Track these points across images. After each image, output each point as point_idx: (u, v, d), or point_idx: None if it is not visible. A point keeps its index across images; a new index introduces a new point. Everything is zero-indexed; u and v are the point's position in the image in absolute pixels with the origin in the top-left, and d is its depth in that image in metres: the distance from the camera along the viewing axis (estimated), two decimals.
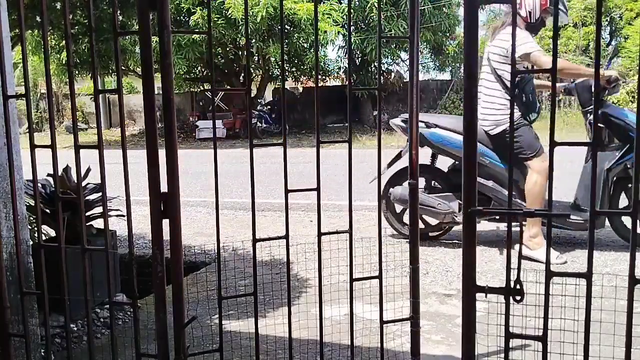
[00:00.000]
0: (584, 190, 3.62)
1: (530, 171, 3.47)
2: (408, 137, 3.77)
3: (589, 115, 3.52)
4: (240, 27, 12.99)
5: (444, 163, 3.99)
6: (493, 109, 3.51)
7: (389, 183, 3.90)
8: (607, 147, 3.49)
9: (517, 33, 3.76)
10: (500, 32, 3.50)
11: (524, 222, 3.56)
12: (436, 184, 3.96)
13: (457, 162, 3.86)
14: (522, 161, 3.49)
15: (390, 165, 3.89)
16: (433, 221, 3.95)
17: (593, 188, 1.27)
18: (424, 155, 3.92)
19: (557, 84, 3.92)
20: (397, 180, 3.85)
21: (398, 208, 4.05)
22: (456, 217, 3.69)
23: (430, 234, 3.99)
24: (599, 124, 3.46)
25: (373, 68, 15.60)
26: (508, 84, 3.39)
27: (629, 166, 3.42)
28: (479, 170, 3.91)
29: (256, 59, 15.34)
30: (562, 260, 3.34)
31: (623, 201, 3.62)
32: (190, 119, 17.97)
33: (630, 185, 3.51)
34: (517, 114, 3.42)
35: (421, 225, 4.00)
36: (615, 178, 3.54)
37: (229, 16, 12.86)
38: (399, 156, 3.88)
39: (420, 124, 3.74)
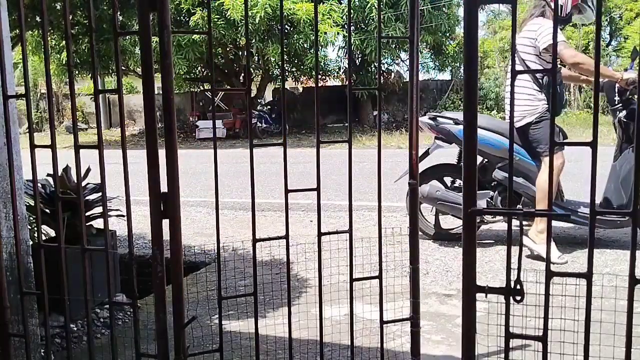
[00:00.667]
0: (613, 188, 3.58)
1: (544, 166, 3.45)
2: (437, 134, 3.77)
3: (618, 113, 3.51)
4: (239, 28, 13.00)
5: None
6: (520, 99, 3.46)
7: (419, 180, 3.85)
8: (631, 146, 3.44)
9: (545, 23, 3.68)
10: (528, 23, 3.48)
11: (530, 221, 3.56)
12: (462, 183, 3.92)
13: (486, 161, 3.80)
14: (539, 155, 3.48)
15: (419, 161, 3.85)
16: (457, 222, 3.88)
17: (593, 187, 1.27)
18: (451, 154, 3.93)
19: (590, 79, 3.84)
20: (424, 179, 3.76)
21: (424, 208, 3.94)
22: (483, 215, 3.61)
23: (452, 234, 3.91)
24: (625, 121, 3.46)
25: (373, 68, 15.60)
26: (537, 75, 3.38)
27: None
28: (506, 167, 3.77)
29: (256, 59, 15.34)
30: (563, 260, 3.34)
31: None
32: (190, 119, 17.98)
33: None
34: (544, 106, 3.41)
35: (446, 225, 3.97)
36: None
37: (228, 17, 12.86)
38: (426, 154, 3.83)
39: (449, 121, 3.73)
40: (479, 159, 3.82)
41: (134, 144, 14.66)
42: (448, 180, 3.95)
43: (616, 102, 3.52)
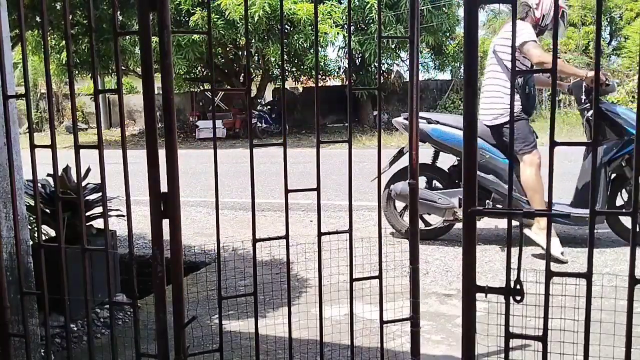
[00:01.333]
0: (583, 187, 3.66)
1: (523, 165, 3.52)
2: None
3: (586, 112, 3.58)
4: (238, 27, 12.99)
5: (444, 163, 4.00)
6: (495, 99, 3.55)
7: (391, 181, 3.92)
8: (603, 142, 3.54)
9: (521, 25, 3.78)
10: (508, 24, 3.55)
11: (530, 220, 3.57)
12: (437, 182, 3.98)
13: (458, 159, 3.87)
14: (515, 154, 3.52)
15: (392, 163, 3.91)
16: (435, 219, 3.96)
17: (593, 187, 1.27)
18: (426, 154, 3.94)
19: (562, 83, 3.97)
20: (399, 179, 3.86)
21: (399, 207, 4.06)
22: (457, 212, 3.70)
23: (430, 232, 3.98)
24: (591, 119, 3.52)
25: (373, 68, 15.59)
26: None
27: (624, 164, 3.50)
28: (478, 165, 3.99)
29: (256, 59, 15.34)
30: (565, 258, 3.34)
31: (619, 201, 3.66)
32: (190, 119, 17.98)
33: (627, 184, 3.57)
34: (518, 106, 3.47)
35: (422, 225, 4.02)
36: (613, 177, 3.59)
37: (228, 17, 12.86)
38: (400, 153, 3.90)
39: (422, 121, 3.78)
40: (453, 158, 3.88)
41: (134, 144, 14.66)
42: (423, 179, 4.02)
43: (583, 101, 3.59)
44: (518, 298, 1.30)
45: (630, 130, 3.40)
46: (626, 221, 3.56)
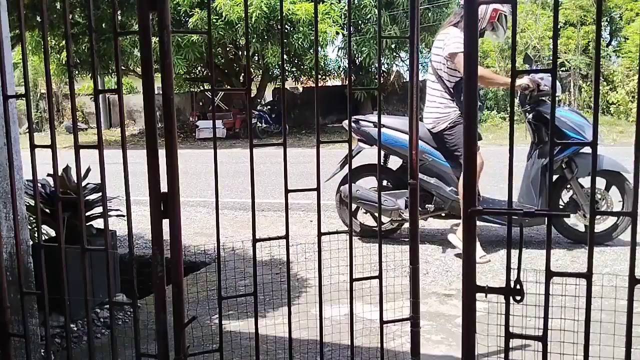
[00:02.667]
0: (525, 188, 3.77)
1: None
2: (359, 137, 3.95)
3: (527, 114, 3.73)
4: (237, 27, 12.99)
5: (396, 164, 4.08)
6: (434, 107, 3.64)
7: (342, 183, 4.02)
8: (544, 145, 3.66)
9: (453, 32, 3.87)
10: (441, 32, 3.63)
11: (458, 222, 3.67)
12: (388, 183, 4.08)
13: (404, 162, 3.95)
14: (458, 158, 3.63)
15: (343, 165, 4.01)
16: (383, 219, 4.06)
17: (592, 187, 1.27)
18: (373, 156, 4.04)
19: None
20: (352, 179, 3.94)
21: (353, 206, 4.15)
22: (402, 213, 3.77)
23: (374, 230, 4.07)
24: (535, 123, 3.70)
25: (373, 68, 15.58)
26: (447, 83, 3.54)
27: (564, 167, 3.67)
28: (421, 168, 4.08)
29: (256, 59, 15.34)
30: (485, 259, 3.42)
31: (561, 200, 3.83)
32: (190, 119, 17.97)
33: (567, 185, 3.73)
34: (456, 112, 3.59)
35: (372, 222, 4.14)
36: (555, 178, 3.75)
37: (226, 18, 12.86)
38: (350, 155, 3.96)
39: (369, 124, 3.91)
40: (400, 160, 3.98)
41: (134, 144, 14.66)
42: (374, 180, 4.11)
43: (525, 105, 3.72)
44: (518, 298, 1.30)
45: (569, 133, 3.56)
46: (569, 221, 3.78)
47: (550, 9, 14.79)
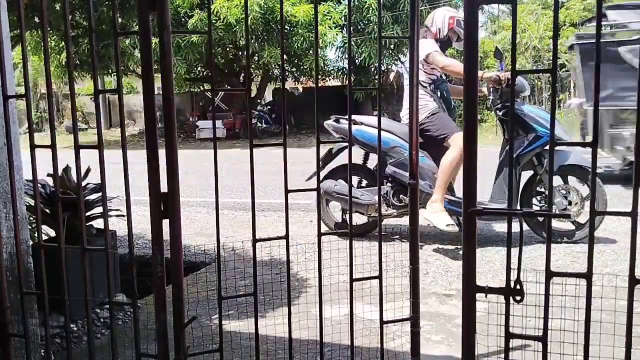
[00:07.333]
0: (497, 185, 3.86)
1: (451, 147, 3.75)
2: (339, 136, 4.06)
3: (498, 112, 3.87)
4: (235, 28, 12.99)
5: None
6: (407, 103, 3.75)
7: (325, 178, 4.09)
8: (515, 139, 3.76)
9: (423, 42, 4.04)
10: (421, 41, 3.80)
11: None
12: (366, 181, 4.15)
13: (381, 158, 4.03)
14: (442, 142, 3.79)
15: (324, 165, 4.08)
16: (363, 216, 4.14)
17: (593, 187, 1.27)
18: (360, 154, 4.13)
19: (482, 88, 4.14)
20: (332, 177, 4.08)
21: (332, 206, 4.27)
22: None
23: (357, 227, 4.12)
24: (502, 119, 3.85)
25: (373, 69, 15.57)
26: (423, 83, 3.78)
27: (535, 163, 3.79)
28: (397, 163, 4.22)
29: (255, 59, 15.34)
30: (453, 228, 3.56)
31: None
32: (190, 119, 17.96)
33: (540, 186, 3.85)
34: (434, 104, 3.81)
35: (354, 219, 4.18)
36: (529, 176, 3.87)
37: (226, 21, 12.87)
38: (329, 154, 4.09)
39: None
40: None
41: (134, 144, 14.64)
42: (355, 178, 4.23)
43: (494, 101, 3.84)
44: (518, 298, 1.30)
45: (536, 127, 3.69)
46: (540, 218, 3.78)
47: (551, 9, 14.79)
